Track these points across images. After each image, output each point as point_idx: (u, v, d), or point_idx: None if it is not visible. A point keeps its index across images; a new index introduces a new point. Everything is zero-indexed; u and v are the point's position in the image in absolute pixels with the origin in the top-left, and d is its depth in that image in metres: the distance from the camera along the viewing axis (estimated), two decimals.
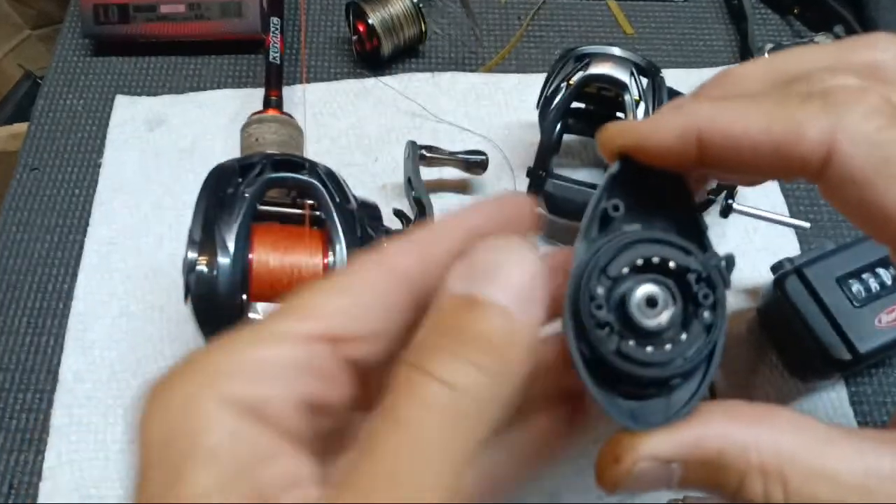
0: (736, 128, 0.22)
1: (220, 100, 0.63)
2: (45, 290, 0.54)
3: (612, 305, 0.23)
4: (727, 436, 0.21)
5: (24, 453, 0.49)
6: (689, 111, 0.23)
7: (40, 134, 0.62)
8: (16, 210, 0.58)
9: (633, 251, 0.23)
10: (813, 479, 0.20)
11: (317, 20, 0.68)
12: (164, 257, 0.55)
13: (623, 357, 0.22)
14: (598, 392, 0.22)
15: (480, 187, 0.59)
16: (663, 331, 0.22)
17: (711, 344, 0.22)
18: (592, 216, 0.24)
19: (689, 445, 0.21)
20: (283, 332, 0.19)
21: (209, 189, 0.41)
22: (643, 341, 0.22)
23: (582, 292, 0.22)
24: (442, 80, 0.63)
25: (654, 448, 0.21)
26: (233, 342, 0.19)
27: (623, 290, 0.23)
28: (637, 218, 0.24)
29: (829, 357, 0.46)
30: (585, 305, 0.22)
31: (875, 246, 0.48)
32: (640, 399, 0.23)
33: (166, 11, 0.63)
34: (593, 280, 0.22)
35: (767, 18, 0.69)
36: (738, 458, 0.21)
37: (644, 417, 0.22)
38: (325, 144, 0.60)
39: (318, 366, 0.19)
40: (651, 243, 0.23)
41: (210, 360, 0.18)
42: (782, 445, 0.21)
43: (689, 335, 0.22)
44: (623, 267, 0.23)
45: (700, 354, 0.22)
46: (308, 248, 0.42)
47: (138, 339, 0.52)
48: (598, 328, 0.22)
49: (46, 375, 0.51)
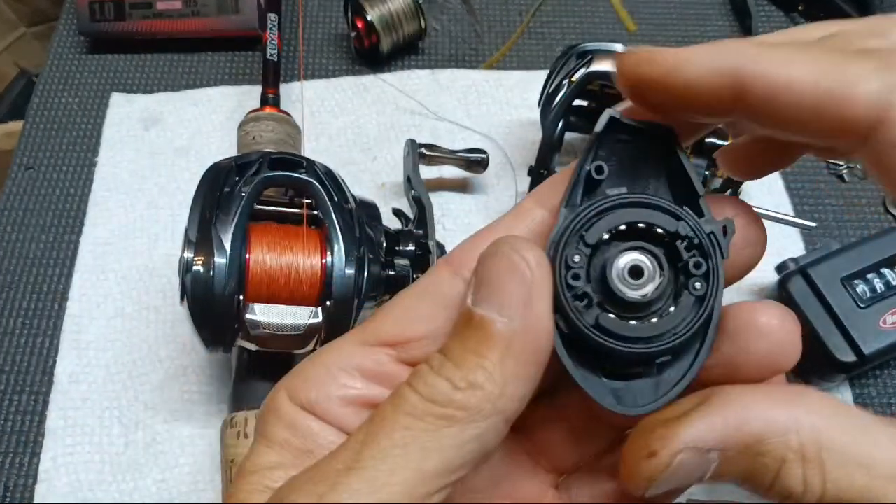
0: (781, 74, 0.20)
1: (216, 97, 0.62)
2: (40, 291, 0.54)
3: (594, 276, 0.21)
4: (769, 419, 0.19)
5: (19, 455, 0.48)
6: (731, 49, 0.20)
7: (35, 132, 0.61)
8: (10, 209, 0.57)
9: (614, 215, 0.21)
10: (850, 466, 0.19)
11: (315, 16, 0.67)
12: (159, 257, 0.54)
13: (602, 331, 0.20)
14: (575, 369, 0.21)
15: (481, 186, 0.58)
16: (649, 303, 0.20)
17: (703, 317, 0.20)
18: (575, 180, 0.22)
19: (732, 429, 0.19)
20: (344, 343, 0.23)
21: (205, 188, 0.41)
22: (626, 315, 0.20)
23: (557, 261, 0.20)
24: (442, 77, 0.63)
25: (696, 436, 0.19)
26: (319, 350, 0.23)
27: (605, 258, 0.21)
28: (625, 181, 0.22)
29: (833, 359, 0.46)
30: (561, 275, 0.20)
31: (880, 246, 0.48)
32: (626, 379, 0.21)
33: (162, 8, 0.62)
34: (570, 247, 0.21)
35: (771, 15, 0.68)
36: (779, 444, 0.19)
37: (629, 399, 0.21)
38: (323, 142, 0.60)
39: (372, 368, 0.22)
40: (636, 207, 0.21)
41: (299, 366, 0.23)
42: (821, 429, 0.19)
43: (677, 308, 0.20)
44: (602, 232, 0.21)
45: (691, 329, 0.20)
46: (306, 247, 0.41)
47: (134, 341, 0.51)
48: (576, 300, 0.20)
49: (42, 377, 0.51)
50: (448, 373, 0.19)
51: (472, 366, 0.19)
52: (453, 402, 0.19)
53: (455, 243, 0.62)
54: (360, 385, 0.22)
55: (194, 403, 0.49)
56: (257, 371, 0.44)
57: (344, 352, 0.23)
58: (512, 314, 0.19)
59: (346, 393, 0.22)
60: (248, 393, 0.44)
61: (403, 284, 0.46)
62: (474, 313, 0.20)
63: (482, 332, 0.20)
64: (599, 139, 0.22)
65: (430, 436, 0.19)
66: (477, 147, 0.56)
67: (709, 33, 0.67)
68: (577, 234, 0.21)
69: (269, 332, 0.40)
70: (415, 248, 0.47)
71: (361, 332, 0.23)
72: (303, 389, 0.22)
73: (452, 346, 0.20)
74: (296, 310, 0.41)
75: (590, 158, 0.22)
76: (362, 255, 0.41)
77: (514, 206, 0.24)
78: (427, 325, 0.22)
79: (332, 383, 0.22)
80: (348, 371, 0.22)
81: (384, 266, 0.45)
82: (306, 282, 0.41)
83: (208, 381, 0.50)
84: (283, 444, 0.21)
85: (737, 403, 0.20)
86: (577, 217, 0.21)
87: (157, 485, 0.47)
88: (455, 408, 0.19)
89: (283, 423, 0.22)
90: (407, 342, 0.22)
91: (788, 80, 0.19)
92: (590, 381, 0.21)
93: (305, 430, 0.22)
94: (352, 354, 0.22)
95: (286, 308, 0.41)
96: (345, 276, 0.40)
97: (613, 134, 0.22)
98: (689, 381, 0.21)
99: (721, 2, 0.69)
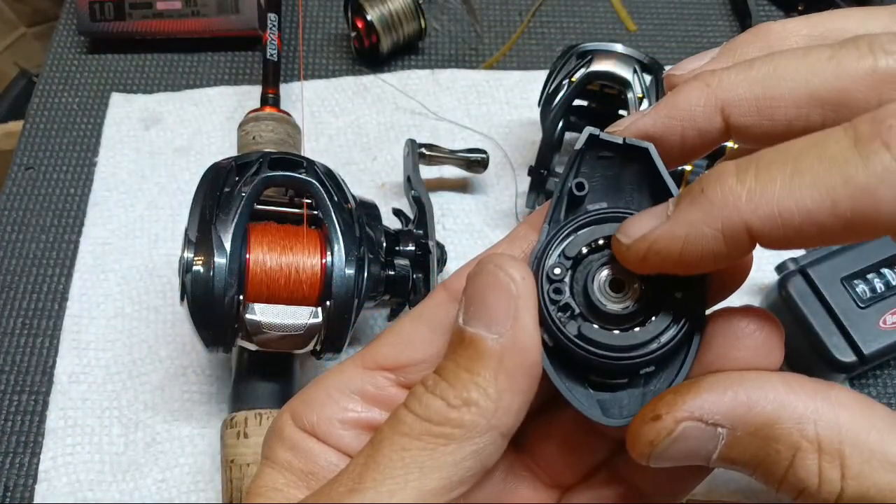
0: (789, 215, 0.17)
1: (216, 97, 0.62)
2: (40, 291, 0.54)
3: (577, 289, 0.21)
4: (784, 404, 0.19)
5: (19, 455, 0.48)
6: (721, 206, 0.18)
7: (35, 132, 0.61)
8: (10, 209, 0.57)
9: (592, 230, 0.21)
10: (874, 464, 0.18)
11: (315, 16, 0.67)
12: (159, 257, 0.54)
13: (586, 341, 0.20)
14: (560, 381, 0.21)
15: (481, 186, 0.58)
16: (631, 314, 0.20)
17: (687, 327, 0.20)
18: (558, 197, 0.22)
19: (742, 407, 0.19)
20: (345, 366, 0.24)
21: (205, 188, 0.41)
22: (609, 326, 0.20)
23: (540, 275, 0.21)
24: (442, 77, 0.63)
25: (702, 406, 0.19)
26: (322, 375, 0.24)
27: (586, 272, 0.21)
28: (607, 196, 0.22)
29: (833, 359, 0.46)
30: (544, 288, 0.21)
31: (880, 246, 0.48)
32: (612, 390, 0.21)
33: (162, 8, 0.62)
34: (552, 261, 0.21)
35: (772, 15, 0.68)
36: (793, 431, 0.18)
37: (615, 410, 0.21)
38: (323, 142, 0.60)
39: (372, 392, 0.23)
40: (614, 221, 0.21)
41: (303, 390, 0.24)
42: (843, 423, 0.18)
43: (660, 317, 0.20)
44: (581, 246, 0.21)
45: (674, 339, 0.20)
46: (306, 247, 0.41)
47: (133, 341, 0.51)
48: (559, 311, 0.21)
49: (41, 377, 0.51)
50: (442, 392, 0.20)
51: (466, 383, 0.19)
52: (449, 420, 0.19)
53: (455, 243, 0.62)
54: (359, 408, 0.23)
55: (194, 403, 0.49)
56: (257, 371, 0.44)
57: (344, 375, 0.23)
58: (501, 330, 0.20)
59: (345, 416, 0.23)
60: (248, 393, 0.44)
61: (403, 284, 0.46)
62: (465, 332, 0.20)
63: (474, 350, 0.20)
64: (580, 156, 0.22)
65: (429, 455, 0.19)
66: (477, 147, 0.56)
67: (708, 33, 0.67)
68: (558, 249, 0.21)
69: (269, 332, 0.40)
70: (415, 248, 0.47)
71: (361, 357, 0.23)
72: (305, 412, 0.23)
73: (446, 366, 0.20)
74: (296, 310, 0.41)
75: (571, 175, 0.22)
76: (362, 255, 0.41)
77: (509, 233, 0.24)
78: (425, 350, 0.23)
79: (332, 406, 0.23)
80: (348, 394, 0.23)
81: (384, 266, 0.45)
82: (306, 282, 0.41)
83: (208, 381, 0.50)
84: (287, 465, 0.22)
85: (752, 384, 0.19)
86: (559, 232, 0.21)
87: (157, 485, 0.47)
88: (451, 426, 0.19)
89: (287, 446, 0.23)
90: (405, 366, 0.23)
91: (800, 218, 0.17)
92: (575, 392, 0.21)
93: (307, 453, 0.22)
94: (352, 378, 0.23)
95: (286, 308, 0.41)
96: (345, 276, 0.40)
97: (594, 151, 0.22)
98: None
99: (721, 2, 0.69)
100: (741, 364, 0.20)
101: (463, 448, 0.19)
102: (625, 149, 0.22)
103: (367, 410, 0.23)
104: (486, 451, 0.19)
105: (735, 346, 0.20)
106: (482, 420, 0.19)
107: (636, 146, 0.22)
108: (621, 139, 0.22)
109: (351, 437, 0.22)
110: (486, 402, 0.19)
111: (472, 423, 0.19)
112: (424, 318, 0.23)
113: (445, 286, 0.23)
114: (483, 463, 0.20)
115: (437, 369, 0.21)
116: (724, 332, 0.21)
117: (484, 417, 0.19)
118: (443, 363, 0.21)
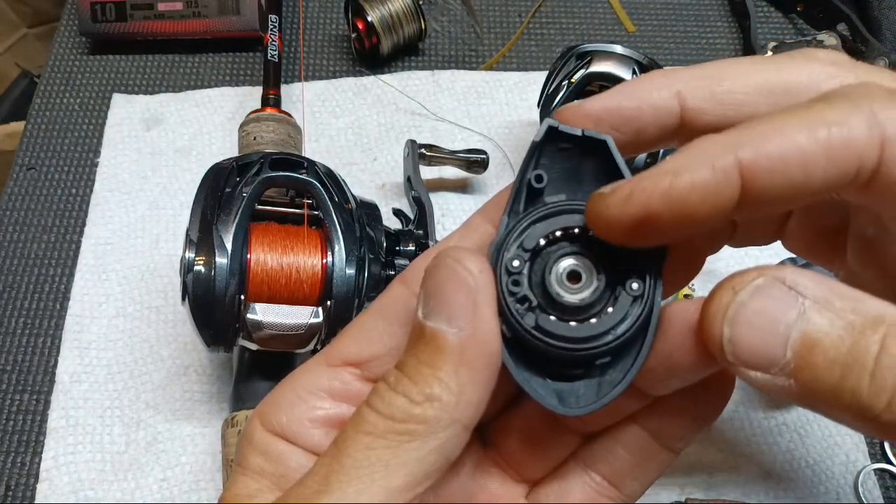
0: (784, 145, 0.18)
1: (217, 98, 0.62)
2: (42, 291, 0.54)
3: (535, 281, 0.21)
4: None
5: (21, 455, 0.48)
6: (724, 143, 0.19)
7: (37, 133, 0.61)
8: (12, 210, 0.57)
9: (549, 222, 0.21)
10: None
11: (315, 17, 0.68)
12: (160, 257, 0.55)
13: (543, 332, 0.20)
14: (518, 372, 0.21)
15: (481, 186, 0.58)
16: (588, 305, 0.21)
17: (642, 317, 0.20)
18: (517, 189, 0.22)
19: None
20: (310, 365, 0.23)
21: (207, 188, 0.41)
22: (566, 317, 0.21)
23: (498, 267, 0.21)
24: (442, 78, 0.63)
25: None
26: (288, 376, 0.24)
27: (544, 263, 0.21)
28: (566, 188, 0.22)
29: None
30: (502, 280, 0.21)
31: None
32: (569, 380, 0.21)
33: (164, 9, 0.62)
34: (510, 253, 0.21)
35: (770, 16, 0.68)
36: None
37: (572, 400, 0.21)
38: (323, 143, 0.60)
39: (340, 388, 0.23)
40: (572, 213, 0.21)
41: (271, 392, 0.24)
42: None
43: (615, 308, 0.20)
44: (539, 238, 0.21)
45: (629, 329, 0.20)
46: (306, 247, 0.41)
47: (135, 340, 0.52)
48: (517, 303, 0.21)
49: (43, 377, 0.51)
50: (404, 388, 0.20)
51: (428, 378, 0.20)
52: (412, 416, 0.19)
53: None
54: (327, 405, 0.23)
55: (195, 402, 0.49)
56: (258, 370, 0.45)
57: (310, 374, 0.23)
58: (461, 324, 0.20)
59: (314, 414, 0.23)
60: (249, 392, 0.44)
61: None
62: (425, 326, 0.20)
63: (434, 345, 0.20)
64: (539, 148, 0.22)
65: (393, 452, 0.19)
66: (477, 147, 0.56)
67: (707, 34, 0.67)
68: (517, 241, 0.21)
69: (270, 332, 0.41)
70: (415, 248, 0.47)
71: (326, 354, 0.23)
72: (274, 414, 0.23)
73: (407, 361, 0.20)
74: (297, 310, 0.41)
75: (531, 168, 0.22)
76: (363, 255, 0.42)
77: (462, 224, 0.24)
78: (386, 343, 0.23)
79: (300, 405, 0.23)
80: (315, 393, 0.23)
81: (384, 266, 0.45)
82: (307, 282, 0.41)
83: (209, 381, 0.50)
84: (258, 470, 0.22)
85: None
86: (518, 224, 0.21)
87: (159, 483, 0.47)
88: (415, 422, 0.19)
89: (257, 451, 0.22)
90: (368, 361, 0.23)
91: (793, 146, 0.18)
92: (533, 383, 0.21)
93: (278, 456, 0.22)
94: (318, 376, 0.23)
95: (287, 308, 0.41)
96: (345, 276, 0.41)
97: (553, 143, 0.22)
98: (629, 381, 0.21)
99: (720, 2, 0.69)
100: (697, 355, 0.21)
101: (427, 443, 0.19)
102: (583, 141, 0.22)
103: (335, 407, 0.23)
104: (450, 445, 0.20)
105: (692, 338, 0.21)
106: (445, 415, 0.19)
107: (595, 138, 0.22)
108: (580, 131, 0.22)
109: (321, 434, 0.22)
110: (448, 396, 0.19)
111: (435, 418, 0.19)
112: (384, 313, 0.23)
113: (402, 279, 0.24)
114: (447, 456, 0.20)
115: (399, 364, 0.21)
116: (679, 322, 0.21)
117: (446, 412, 0.19)
118: (404, 358, 0.21)
